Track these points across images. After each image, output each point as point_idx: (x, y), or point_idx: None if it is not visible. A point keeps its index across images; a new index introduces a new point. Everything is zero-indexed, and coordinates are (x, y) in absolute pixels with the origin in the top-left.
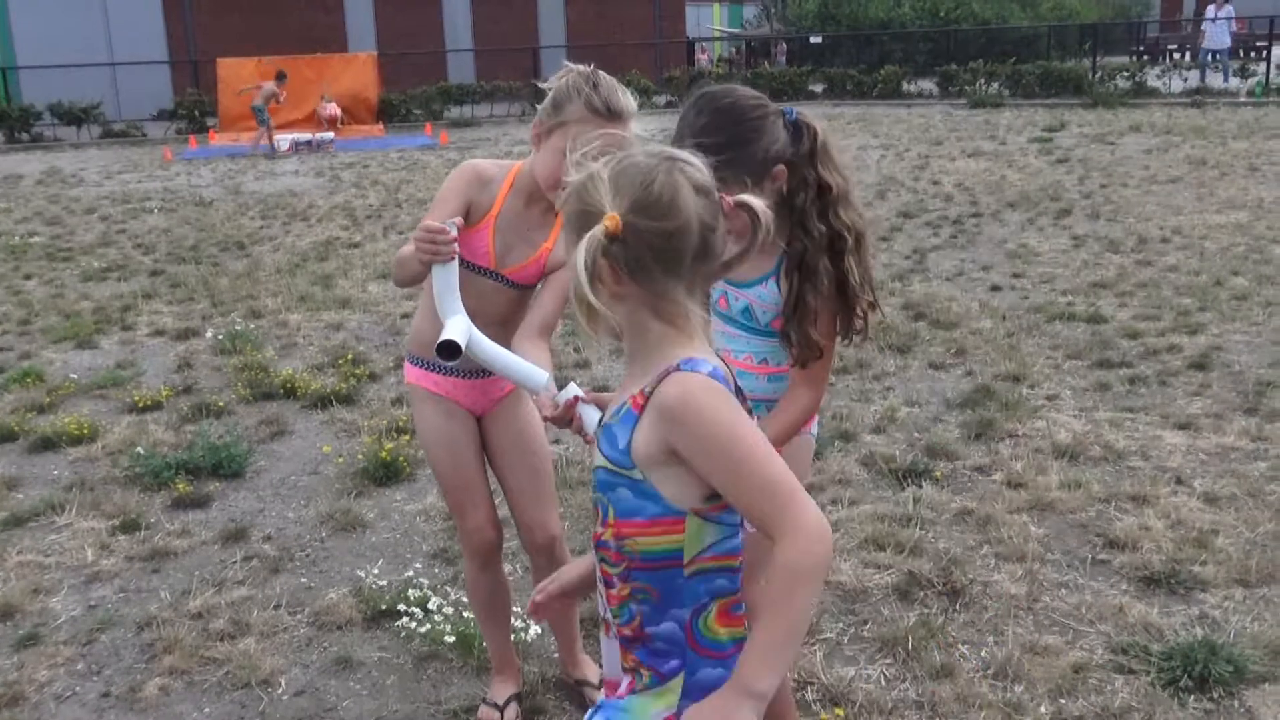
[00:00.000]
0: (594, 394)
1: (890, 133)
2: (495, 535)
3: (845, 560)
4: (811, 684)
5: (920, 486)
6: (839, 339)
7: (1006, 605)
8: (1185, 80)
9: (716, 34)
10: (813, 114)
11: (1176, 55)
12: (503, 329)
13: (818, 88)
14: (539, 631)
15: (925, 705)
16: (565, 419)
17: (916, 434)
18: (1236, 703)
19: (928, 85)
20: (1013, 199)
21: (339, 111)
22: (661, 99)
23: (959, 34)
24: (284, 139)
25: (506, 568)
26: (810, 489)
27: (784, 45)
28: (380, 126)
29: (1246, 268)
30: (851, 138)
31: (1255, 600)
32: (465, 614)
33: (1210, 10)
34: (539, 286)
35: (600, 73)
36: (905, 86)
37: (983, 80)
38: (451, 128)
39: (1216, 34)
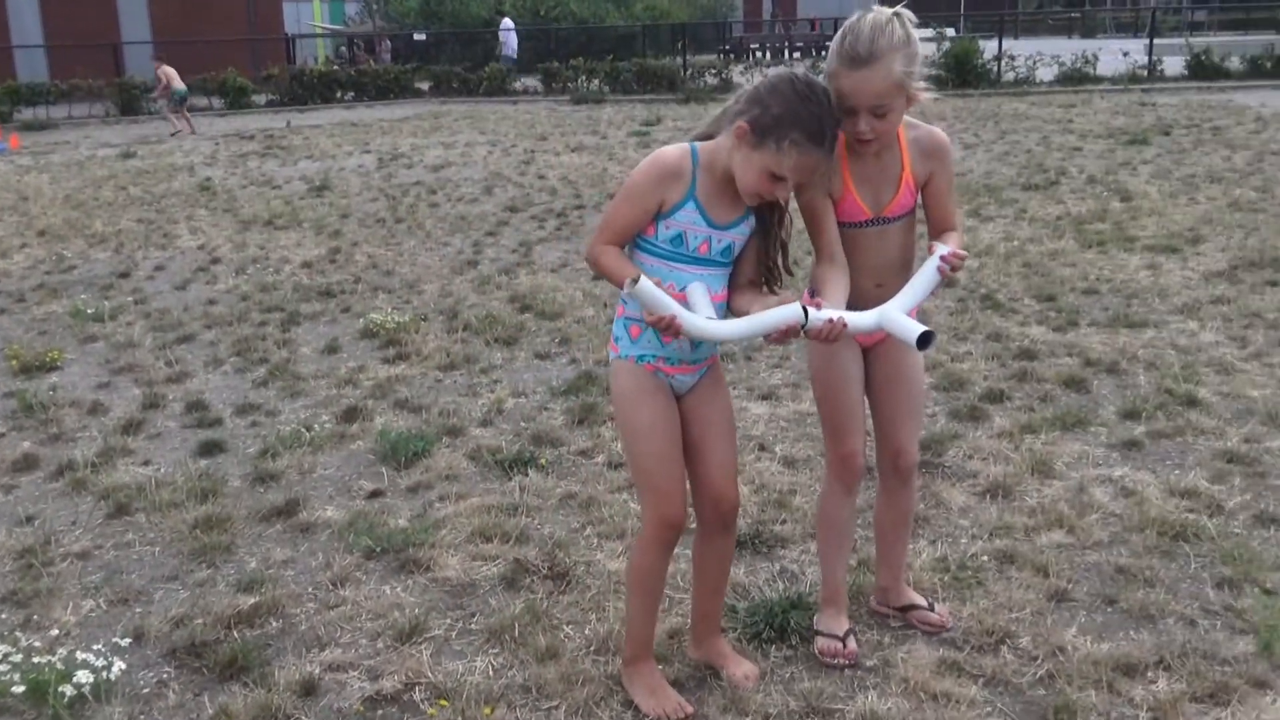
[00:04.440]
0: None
1: (497, 129)
2: (863, 465)
3: (453, 555)
4: (419, 683)
5: (526, 475)
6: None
7: (608, 582)
8: (765, 75)
9: (318, 30)
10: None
11: (759, 54)
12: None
13: (424, 85)
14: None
15: (532, 689)
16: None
17: (523, 423)
18: (811, 647)
19: (532, 82)
20: (613, 191)
21: None
22: (261, 98)
23: (559, 32)
24: None
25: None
26: (418, 488)
27: (389, 42)
28: None
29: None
30: (459, 134)
31: None
32: (36, 659)
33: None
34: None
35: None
36: (510, 83)
37: (584, 77)
38: (24, 130)
39: (508, 42)
